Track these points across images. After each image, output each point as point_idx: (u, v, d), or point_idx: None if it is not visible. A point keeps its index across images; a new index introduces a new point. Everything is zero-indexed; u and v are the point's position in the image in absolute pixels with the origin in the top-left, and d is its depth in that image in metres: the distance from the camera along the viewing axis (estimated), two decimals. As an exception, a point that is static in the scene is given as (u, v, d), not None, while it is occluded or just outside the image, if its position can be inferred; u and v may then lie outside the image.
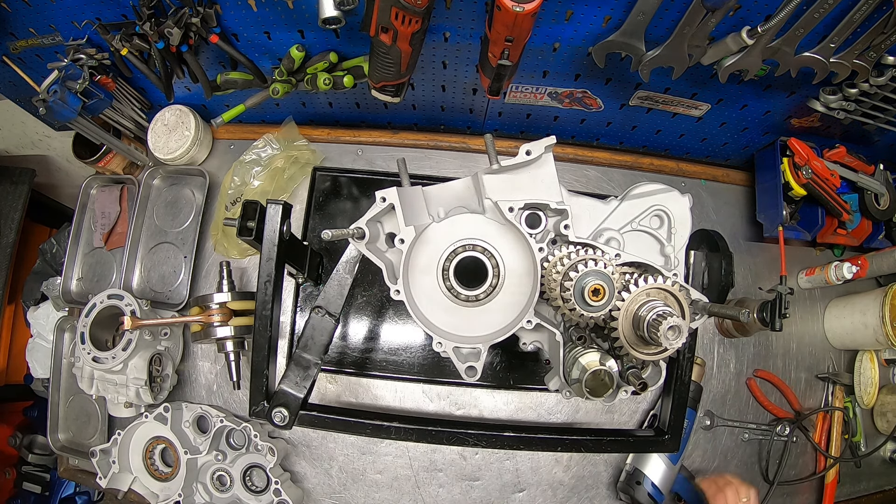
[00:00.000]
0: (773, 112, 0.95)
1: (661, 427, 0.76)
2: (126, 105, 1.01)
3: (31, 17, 0.83)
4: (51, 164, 1.43)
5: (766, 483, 0.98)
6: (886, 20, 0.70)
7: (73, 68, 0.84)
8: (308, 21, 0.82)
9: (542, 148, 0.57)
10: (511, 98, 0.98)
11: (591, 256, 0.55)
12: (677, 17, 0.71)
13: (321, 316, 0.69)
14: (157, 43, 0.81)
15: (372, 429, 0.71)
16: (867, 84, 0.81)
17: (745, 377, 1.02)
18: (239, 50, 0.86)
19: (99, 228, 1.06)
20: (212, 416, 0.91)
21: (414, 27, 0.67)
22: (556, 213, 0.58)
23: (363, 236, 0.56)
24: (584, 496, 0.96)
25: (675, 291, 0.54)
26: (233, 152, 1.07)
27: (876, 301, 0.96)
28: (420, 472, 0.94)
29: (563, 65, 0.88)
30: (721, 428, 1.00)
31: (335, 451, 0.95)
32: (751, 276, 1.07)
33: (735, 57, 0.74)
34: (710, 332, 1.04)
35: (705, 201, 1.09)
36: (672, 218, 0.61)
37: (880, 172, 0.99)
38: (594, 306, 0.53)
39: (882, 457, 1.03)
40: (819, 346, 1.06)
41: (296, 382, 0.67)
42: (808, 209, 1.02)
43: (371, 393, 0.97)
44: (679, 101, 0.94)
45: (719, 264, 0.66)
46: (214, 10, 0.79)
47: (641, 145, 1.12)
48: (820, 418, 1.01)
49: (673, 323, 0.49)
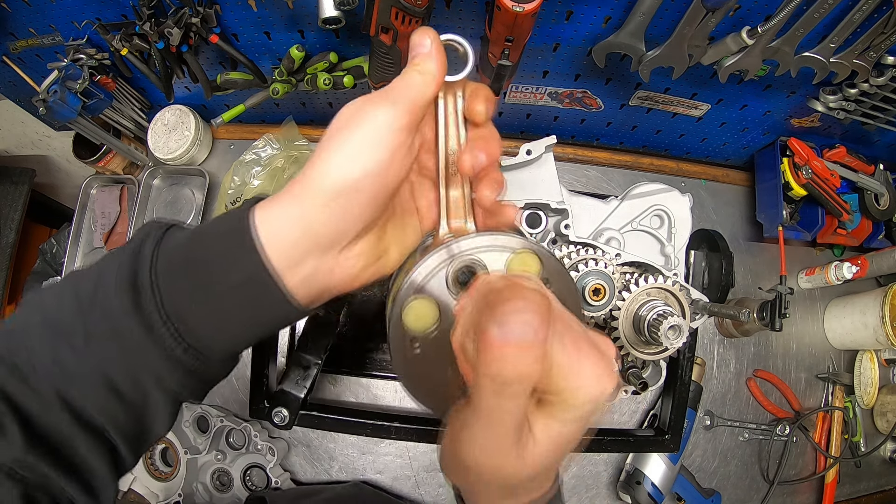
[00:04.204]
0: (773, 112, 0.95)
1: (662, 427, 0.76)
2: (126, 105, 1.01)
3: (31, 17, 0.83)
4: (51, 164, 1.43)
5: (766, 483, 0.98)
6: (886, 20, 0.70)
7: (73, 68, 0.85)
8: (308, 21, 0.82)
9: (543, 147, 0.57)
10: (511, 98, 0.98)
11: (591, 256, 0.55)
12: (677, 17, 0.71)
13: (321, 316, 0.69)
14: (157, 43, 0.81)
15: (372, 429, 0.71)
16: (867, 84, 0.81)
17: (745, 377, 1.02)
18: (239, 50, 0.86)
19: (99, 228, 1.06)
20: (212, 416, 0.91)
21: (414, 27, 0.67)
22: (557, 212, 0.58)
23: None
24: (584, 496, 0.95)
25: (675, 291, 0.54)
26: (233, 152, 1.07)
27: (876, 301, 0.96)
28: (420, 472, 0.94)
29: (563, 65, 0.88)
30: (721, 428, 1.00)
31: (335, 451, 0.95)
32: (751, 276, 1.07)
33: (735, 57, 0.74)
34: (710, 332, 1.04)
35: (705, 201, 1.09)
36: (672, 218, 0.61)
37: (880, 172, 0.99)
38: (595, 306, 0.53)
39: (882, 457, 1.03)
40: (819, 346, 1.06)
41: (296, 382, 0.68)
42: (808, 209, 1.02)
43: (371, 393, 0.97)
44: (679, 101, 0.94)
45: (719, 264, 0.66)
46: (214, 10, 0.79)
47: (641, 145, 1.12)
48: (820, 418, 1.01)
49: (673, 322, 0.49)
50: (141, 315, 0.32)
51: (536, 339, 0.24)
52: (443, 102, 0.37)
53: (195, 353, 0.34)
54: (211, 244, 0.34)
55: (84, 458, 0.35)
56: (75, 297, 0.34)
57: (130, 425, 0.36)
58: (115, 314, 0.33)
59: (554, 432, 0.28)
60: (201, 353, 0.34)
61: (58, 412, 0.33)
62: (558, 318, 0.27)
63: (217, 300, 0.33)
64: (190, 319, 0.33)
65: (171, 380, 0.34)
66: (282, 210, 0.32)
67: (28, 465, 0.33)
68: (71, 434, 0.34)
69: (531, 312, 0.24)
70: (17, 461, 0.33)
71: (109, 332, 0.33)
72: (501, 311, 0.25)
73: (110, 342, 0.33)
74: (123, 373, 0.34)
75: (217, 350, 0.35)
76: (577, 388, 0.27)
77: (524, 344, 0.24)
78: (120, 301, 0.32)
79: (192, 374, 0.35)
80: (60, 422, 0.34)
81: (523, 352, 0.24)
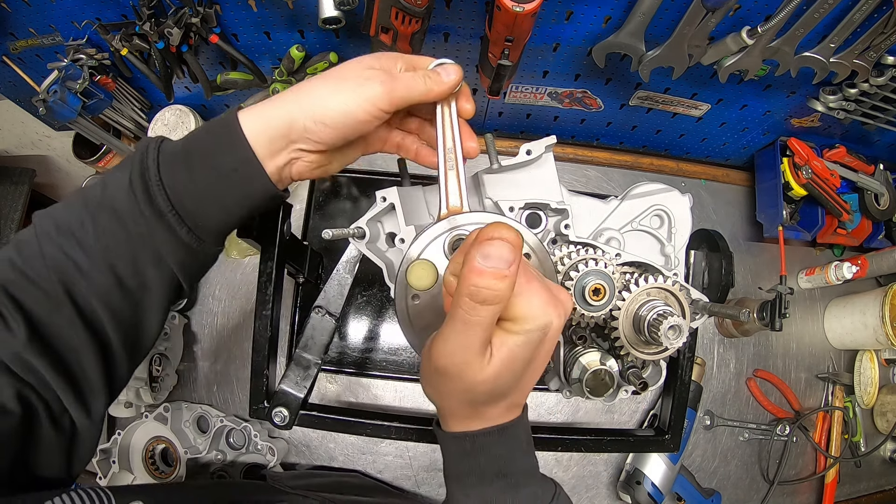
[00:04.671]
0: (773, 112, 0.95)
1: (662, 427, 0.76)
2: (126, 105, 1.01)
3: (31, 17, 0.83)
4: (51, 164, 1.43)
5: (766, 483, 0.98)
6: (886, 20, 0.70)
7: (73, 68, 0.84)
8: (308, 21, 0.82)
9: (543, 147, 0.57)
10: (511, 98, 0.98)
11: (591, 256, 0.55)
12: (677, 17, 0.71)
13: (321, 316, 0.69)
14: (157, 43, 0.81)
15: (372, 429, 0.71)
16: (867, 84, 0.81)
17: (745, 377, 1.02)
18: (239, 50, 0.86)
19: (99, 228, 1.06)
20: (212, 416, 0.91)
21: (414, 27, 0.67)
22: (557, 212, 0.58)
23: (363, 236, 0.56)
24: (584, 496, 0.95)
25: (675, 291, 0.54)
26: (233, 152, 1.07)
27: (876, 301, 0.96)
28: (420, 472, 0.94)
29: (563, 65, 0.88)
30: (721, 428, 1.00)
31: (335, 451, 0.95)
32: (751, 276, 1.07)
33: (735, 57, 0.74)
34: (710, 332, 1.04)
35: (705, 201, 1.09)
36: (672, 218, 0.61)
37: (880, 172, 0.99)
38: (595, 306, 0.53)
39: (882, 457, 1.03)
40: (819, 346, 1.06)
41: (296, 382, 0.67)
42: (808, 209, 1.02)
43: (371, 393, 0.97)
44: (679, 101, 0.94)
45: (719, 264, 0.66)
46: (214, 10, 0.79)
47: (641, 145, 1.12)
48: (820, 418, 1.01)
49: (673, 322, 0.49)
50: (152, 204, 0.41)
51: (509, 266, 0.32)
52: (440, 112, 0.47)
53: (195, 235, 0.43)
54: (205, 140, 0.43)
55: (80, 362, 0.41)
56: (83, 203, 0.41)
57: (127, 314, 0.43)
58: (125, 207, 0.41)
59: (507, 349, 0.35)
60: (200, 234, 0.43)
61: (63, 310, 0.40)
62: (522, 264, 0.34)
63: (213, 184, 0.42)
64: (188, 204, 0.42)
65: (173, 258, 0.43)
66: (266, 113, 0.42)
67: (26, 364, 0.38)
68: (70, 335, 0.40)
69: (507, 246, 0.32)
70: (17, 358, 0.38)
71: (117, 224, 0.41)
72: (485, 244, 0.32)
73: (119, 231, 0.41)
74: (126, 260, 0.41)
75: (213, 230, 0.44)
76: (528, 316, 0.35)
77: (497, 270, 0.32)
78: (133, 194, 0.40)
79: (191, 251, 0.43)
80: (63, 321, 0.40)
81: (498, 276, 0.32)
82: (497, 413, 0.40)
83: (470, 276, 0.32)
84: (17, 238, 0.42)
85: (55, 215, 0.42)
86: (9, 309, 0.39)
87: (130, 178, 0.41)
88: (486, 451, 0.40)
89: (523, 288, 0.34)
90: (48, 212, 0.42)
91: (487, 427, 0.40)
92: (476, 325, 0.33)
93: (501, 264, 0.32)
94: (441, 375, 0.37)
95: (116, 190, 0.41)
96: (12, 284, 0.39)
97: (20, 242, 0.41)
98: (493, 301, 0.32)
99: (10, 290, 0.39)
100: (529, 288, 0.34)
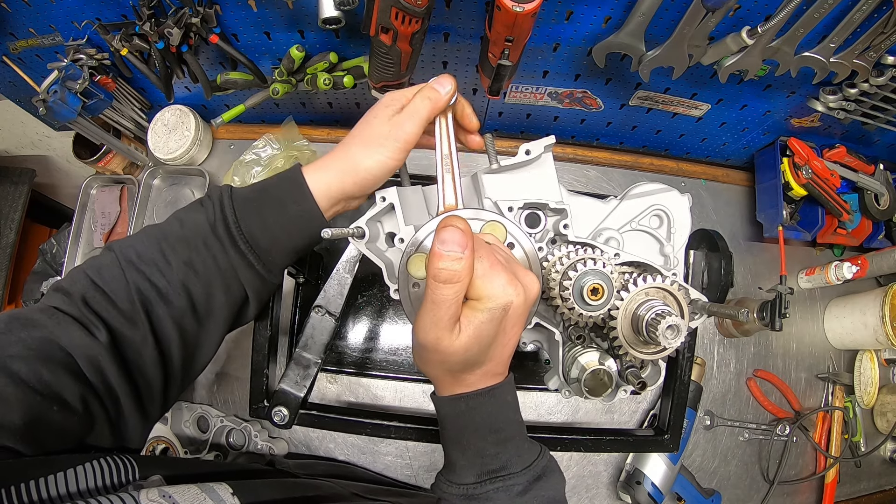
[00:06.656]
0: (773, 112, 0.95)
1: (661, 427, 0.76)
2: (126, 105, 1.01)
3: (31, 17, 0.83)
4: (51, 164, 1.43)
5: (766, 483, 0.98)
6: (886, 20, 0.70)
7: (73, 68, 0.85)
8: (308, 21, 0.82)
9: (542, 147, 0.57)
10: (511, 98, 0.98)
11: (590, 256, 0.55)
12: (677, 17, 0.71)
13: (321, 315, 0.69)
14: (157, 43, 0.81)
15: (372, 429, 0.71)
16: (867, 84, 0.81)
17: (745, 377, 1.02)
18: (239, 50, 0.86)
19: (99, 228, 1.06)
20: (212, 416, 0.91)
21: (414, 27, 0.67)
22: (556, 212, 0.58)
23: (363, 235, 0.56)
24: (584, 496, 0.95)
25: (674, 291, 0.54)
26: (233, 152, 1.07)
27: (876, 301, 0.96)
28: (420, 472, 0.94)
29: (563, 65, 0.88)
30: (721, 428, 1.00)
31: (335, 451, 0.95)
32: (751, 276, 1.07)
33: (735, 57, 0.74)
34: (710, 332, 1.04)
35: (705, 201, 1.09)
36: (672, 218, 0.61)
37: (880, 172, 0.99)
38: (593, 305, 0.53)
39: (882, 457, 1.03)
40: (819, 346, 1.06)
41: (296, 382, 0.67)
42: (808, 209, 1.02)
43: (371, 393, 0.97)
44: (679, 101, 0.94)
45: (719, 264, 0.66)
46: (214, 10, 0.79)
47: (641, 145, 1.12)
48: (820, 418, 1.01)
49: (671, 322, 0.49)
50: (234, 245, 0.51)
51: (463, 250, 0.38)
52: (438, 123, 0.55)
53: (268, 268, 0.54)
54: (275, 189, 0.54)
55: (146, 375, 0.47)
56: (162, 237, 0.50)
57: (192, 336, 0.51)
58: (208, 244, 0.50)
59: (474, 326, 0.41)
60: (271, 267, 0.54)
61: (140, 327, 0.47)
62: (483, 247, 0.41)
63: (283, 227, 0.53)
64: (262, 243, 0.52)
65: (251, 287, 0.53)
66: (324, 178, 0.54)
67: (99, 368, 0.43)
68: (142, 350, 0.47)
69: (458, 232, 0.38)
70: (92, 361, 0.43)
71: (197, 257, 0.50)
72: (441, 231, 0.39)
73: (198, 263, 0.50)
74: (200, 287, 0.50)
75: (279, 264, 0.55)
76: (490, 296, 0.40)
77: (453, 253, 0.38)
78: (215, 235, 0.50)
79: (264, 281, 0.54)
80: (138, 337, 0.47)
81: (454, 258, 0.38)
82: (475, 379, 0.45)
83: (432, 259, 0.38)
84: (95, 263, 0.48)
85: (136, 247, 0.49)
86: (90, 319, 0.44)
87: (213, 223, 0.51)
88: (480, 409, 0.46)
89: (486, 271, 0.40)
90: (128, 243, 0.50)
91: (479, 388, 0.46)
92: (441, 303, 0.39)
93: (455, 248, 0.38)
94: (422, 348, 0.43)
95: (196, 228, 0.50)
96: (92, 299, 0.45)
97: (101, 267, 0.48)
98: (453, 280, 0.38)
99: (90, 303, 0.45)
100: (493, 271, 0.40)
